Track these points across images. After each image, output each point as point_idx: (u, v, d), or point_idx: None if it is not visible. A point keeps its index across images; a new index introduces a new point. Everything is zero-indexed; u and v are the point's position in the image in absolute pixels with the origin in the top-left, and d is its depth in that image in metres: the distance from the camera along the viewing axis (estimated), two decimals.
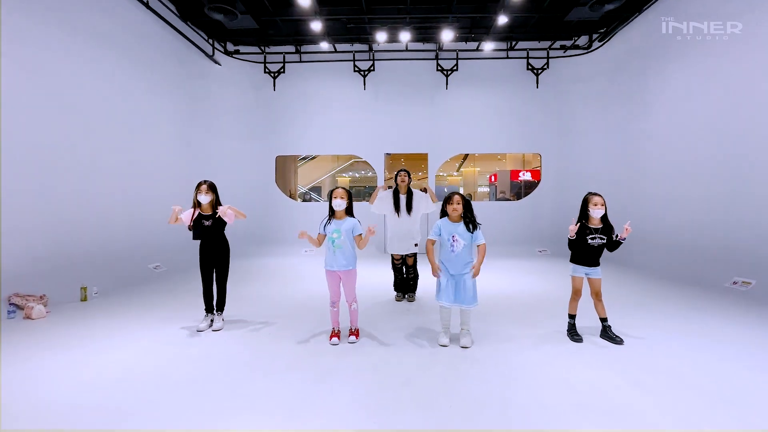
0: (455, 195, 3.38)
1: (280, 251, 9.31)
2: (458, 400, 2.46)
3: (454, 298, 3.34)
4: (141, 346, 3.43)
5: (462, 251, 3.33)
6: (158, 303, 4.91)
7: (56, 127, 5.27)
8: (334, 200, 3.51)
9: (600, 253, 3.46)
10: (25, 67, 4.87)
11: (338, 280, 3.54)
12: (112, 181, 6.26)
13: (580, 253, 3.50)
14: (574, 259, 3.56)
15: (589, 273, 3.49)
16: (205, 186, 3.89)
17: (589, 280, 3.51)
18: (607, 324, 3.49)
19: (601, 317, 3.51)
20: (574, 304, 3.58)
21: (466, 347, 3.32)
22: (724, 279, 5.53)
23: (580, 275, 3.53)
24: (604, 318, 3.50)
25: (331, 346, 3.41)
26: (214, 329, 3.83)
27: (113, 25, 6.32)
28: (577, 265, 3.53)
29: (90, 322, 4.11)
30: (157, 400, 2.47)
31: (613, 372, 2.85)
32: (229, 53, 9.49)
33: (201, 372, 2.90)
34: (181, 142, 8.13)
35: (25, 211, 4.82)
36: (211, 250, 3.90)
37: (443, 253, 3.42)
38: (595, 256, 3.45)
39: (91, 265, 5.61)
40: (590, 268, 3.48)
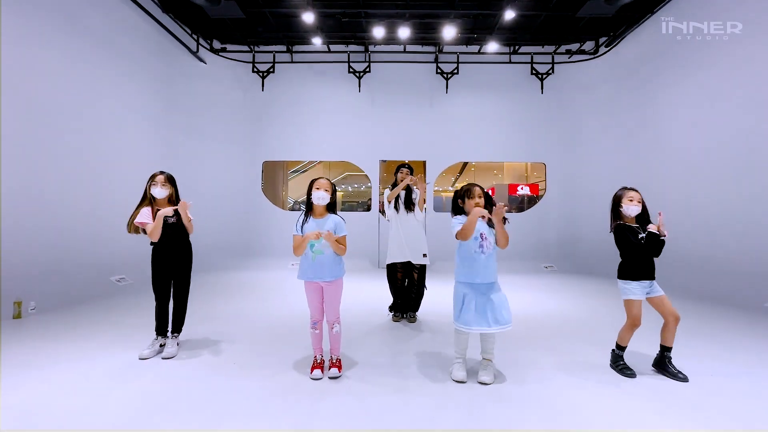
0: (476, 187, 2.67)
1: (263, 264, 8.45)
2: None
3: (482, 319, 2.55)
4: (63, 378, 2.61)
5: (493, 252, 2.62)
6: (110, 321, 4.07)
7: (13, 120, 4.50)
8: (315, 192, 2.74)
9: (653, 260, 2.73)
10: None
11: (320, 294, 2.77)
12: (78, 183, 5.46)
13: (635, 262, 2.70)
14: (627, 275, 2.73)
15: (651, 291, 2.72)
16: (162, 177, 3.16)
17: (655, 300, 2.71)
18: (669, 355, 2.73)
19: (666, 345, 2.73)
20: (629, 335, 2.77)
21: (486, 383, 2.55)
22: (762, 299, 4.85)
23: (640, 297, 2.71)
24: (668, 347, 2.73)
25: (311, 381, 2.61)
26: (164, 356, 3.01)
27: (89, 16, 5.67)
28: (635, 282, 2.70)
29: (12, 345, 3.26)
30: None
31: (689, 419, 2.11)
32: (216, 51, 8.87)
33: (129, 419, 2.09)
34: (160, 143, 7.37)
35: None
36: (171, 256, 3.14)
37: (465, 262, 2.68)
38: (650, 264, 2.71)
39: (36, 276, 4.73)
40: (650, 283, 2.72)
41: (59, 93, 5.22)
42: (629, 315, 2.73)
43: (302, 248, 2.70)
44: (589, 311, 4.88)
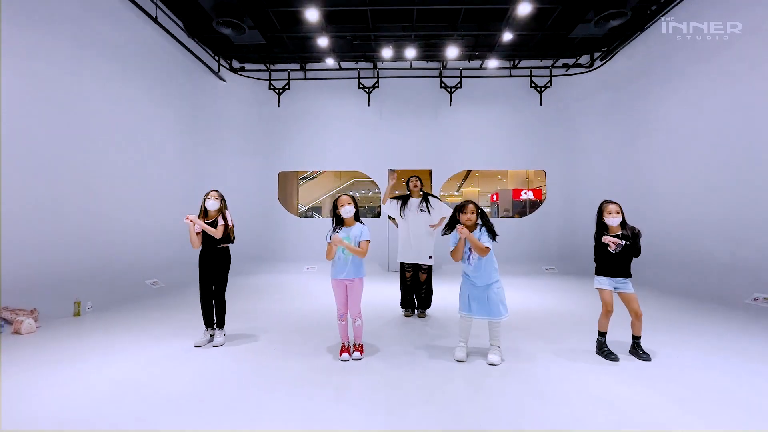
0: (469, 204, 3.21)
1: (280, 268, 9.06)
2: (489, 417, 2.23)
3: (479, 310, 3.15)
4: (134, 362, 3.18)
5: (479, 262, 3.15)
6: (155, 319, 4.65)
7: (57, 139, 5.15)
8: (341, 208, 3.32)
9: (627, 262, 3.25)
10: (31, 78, 4.79)
11: (345, 290, 3.33)
12: (113, 195, 6.10)
13: (603, 261, 3.29)
14: (598, 270, 3.34)
15: (619, 287, 3.25)
16: (215, 192, 3.75)
17: (622, 296, 3.25)
18: (638, 341, 3.26)
19: (635, 334, 3.28)
20: (604, 320, 3.30)
21: (494, 364, 3.07)
22: (744, 295, 5.32)
23: (607, 288, 3.27)
24: (637, 335, 3.27)
25: (341, 363, 3.16)
26: (215, 344, 3.59)
27: (120, 39, 6.32)
28: (602, 277, 3.30)
29: (82, 338, 3.85)
30: (150, 418, 2.23)
31: (651, 389, 2.62)
32: (235, 70, 9.54)
33: (199, 389, 2.65)
34: (184, 157, 8.03)
35: (21, 223, 4.62)
36: (211, 260, 3.70)
37: (465, 266, 3.25)
38: (620, 264, 3.24)
39: (86, 279, 5.37)
40: (618, 281, 3.25)
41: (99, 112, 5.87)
42: (602, 302, 3.29)
43: (332, 253, 3.27)
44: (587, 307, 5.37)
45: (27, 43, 4.74)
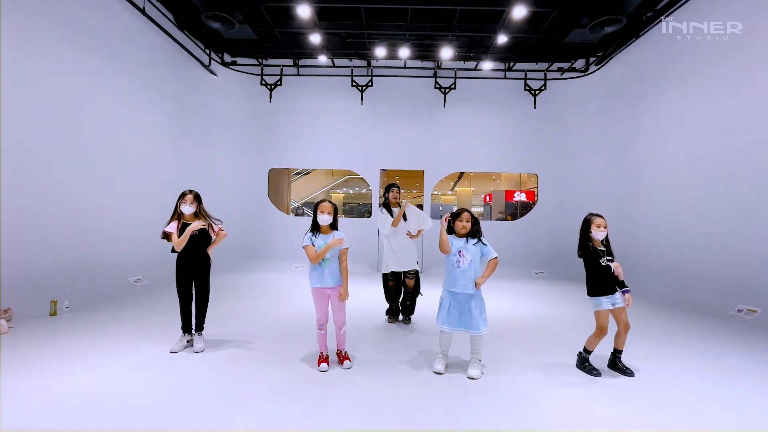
0: (465, 212, 3.20)
1: (269, 266, 8.96)
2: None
3: (459, 323, 3.09)
4: (109, 368, 3.09)
5: (468, 268, 3.10)
6: (135, 319, 4.55)
7: (37, 131, 5.00)
8: (320, 215, 3.25)
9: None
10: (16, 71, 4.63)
11: (327, 299, 3.27)
12: (96, 190, 5.95)
13: (603, 281, 3.14)
14: (597, 291, 3.15)
15: (616, 302, 3.16)
16: (191, 196, 3.64)
17: (615, 311, 3.17)
18: (619, 356, 3.23)
19: (618, 348, 3.23)
20: (596, 341, 3.22)
21: (474, 378, 3.02)
22: (728, 307, 5.34)
23: (607, 308, 3.14)
24: (620, 350, 3.23)
25: (319, 373, 3.10)
26: (196, 351, 3.51)
27: (107, 30, 6.14)
28: (603, 297, 3.12)
29: (56, 340, 3.75)
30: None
31: (631, 410, 2.59)
32: (226, 64, 9.37)
33: (172, 400, 2.57)
34: (172, 151, 7.87)
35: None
36: (191, 263, 3.61)
37: (448, 273, 3.19)
38: (614, 279, 3.18)
39: (65, 277, 5.24)
40: (615, 296, 3.17)
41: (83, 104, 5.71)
42: (598, 324, 3.18)
43: (322, 256, 3.18)
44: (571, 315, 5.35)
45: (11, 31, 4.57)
